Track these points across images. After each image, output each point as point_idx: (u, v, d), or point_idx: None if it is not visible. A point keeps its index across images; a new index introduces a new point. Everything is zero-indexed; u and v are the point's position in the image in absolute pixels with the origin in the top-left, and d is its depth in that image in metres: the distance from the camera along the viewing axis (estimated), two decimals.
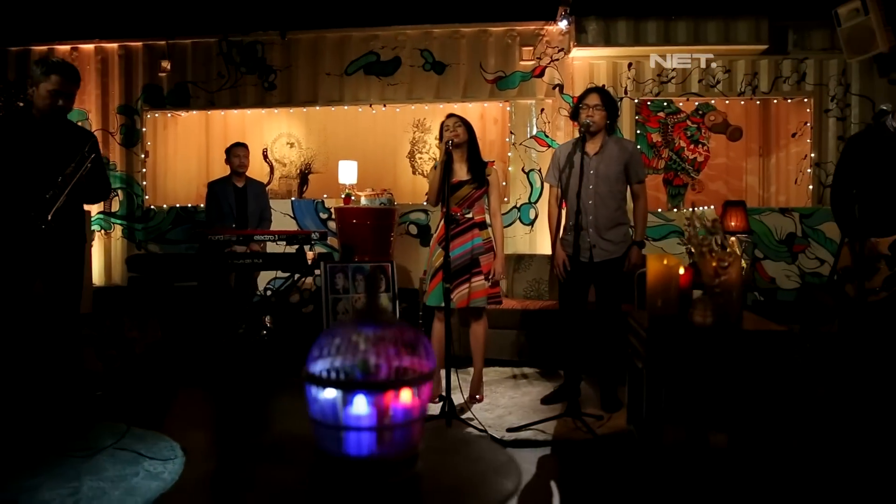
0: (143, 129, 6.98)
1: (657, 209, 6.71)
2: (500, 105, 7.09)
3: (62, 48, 6.94)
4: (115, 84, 6.96)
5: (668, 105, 7.40)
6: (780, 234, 6.34)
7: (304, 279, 5.49)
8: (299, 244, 5.02)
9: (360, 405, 1.10)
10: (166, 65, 6.80)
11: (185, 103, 6.94)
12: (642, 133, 7.36)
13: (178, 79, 6.88)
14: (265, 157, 7.84)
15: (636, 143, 5.57)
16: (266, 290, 6.34)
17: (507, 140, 6.78)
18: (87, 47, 6.97)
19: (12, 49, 6.93)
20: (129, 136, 6.98)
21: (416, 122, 7.72)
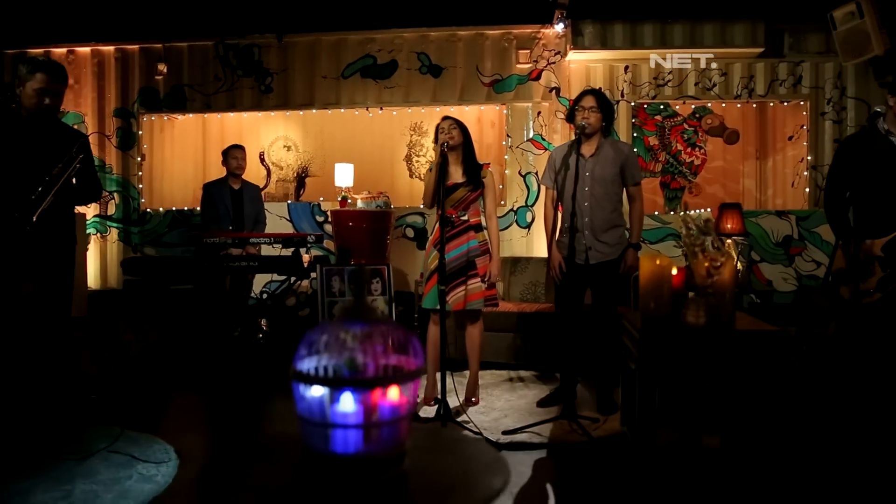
0: (140, 132, 6.97)
1: (654, 212, 6.71)
2: (497, 108, 7.09)
3: (58, 51, 6.93)
4: (112, 87, 6.96)
5: (665, 108, 7.41)
6: (776, 236, 6.34)
7: (300, 282, 5.47)
8: (295, 247, 5.01)
9: (346, 402, 1.09)
10: (163, 68, 6.80)
11: (181, 106, 6.93)
12: (639, 136, 7.36)
13: (174, 81, 6.88)
14: (262, 160, 7.84)
15: (632, 146, 5.56)
16: (262, 293, 6.33)
17: (504, 143, 6.77)
18: (84, 50, 6.96)
19: (8, 52, 6.92)
20: (126, 139, 6.97)
21: (413, 125, 7.73)
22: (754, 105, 7.13)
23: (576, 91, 6.24)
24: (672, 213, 7.00)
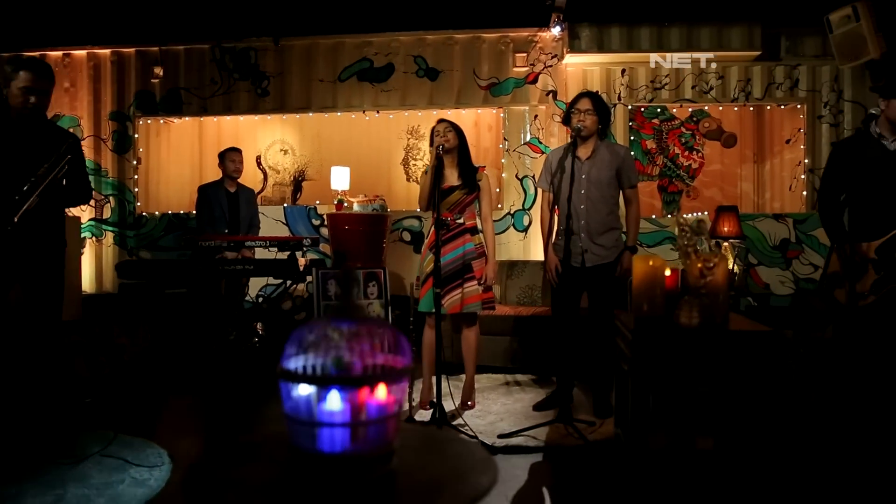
0: (136, 136, 6.96)
1: (651, 215, 6.70)
2: (494, 111, 7.08)
3: (54, 54, 6.91)
4: (108, 90, 6.94)
5: (663, 112, 7.41)
6: (773, 239, 6.33)
7: (295, 286, 5.45)
8: (291, 250, 4.99)
9: (333, 401, 1.08)
10: (159, 71, 6.79)
11: (177, 110, 6.92)
12: (637, 140, 7.36)
13: (170, 85, 6.86)
14: (259, 164, 7.83)
15: (629, 148, 5.56)
16: (258, 296, 6.30)
17: (501, 146, 6.77)
18: (80, 53, 6.95)
19: (4, 54, 6.89)
20: (122, 143, 6.95)
21: (410, 128, 7.72)
22: (751, 108, 7.13)
23: (573, 94, 6.24)
24: (669, 216, 6.99)
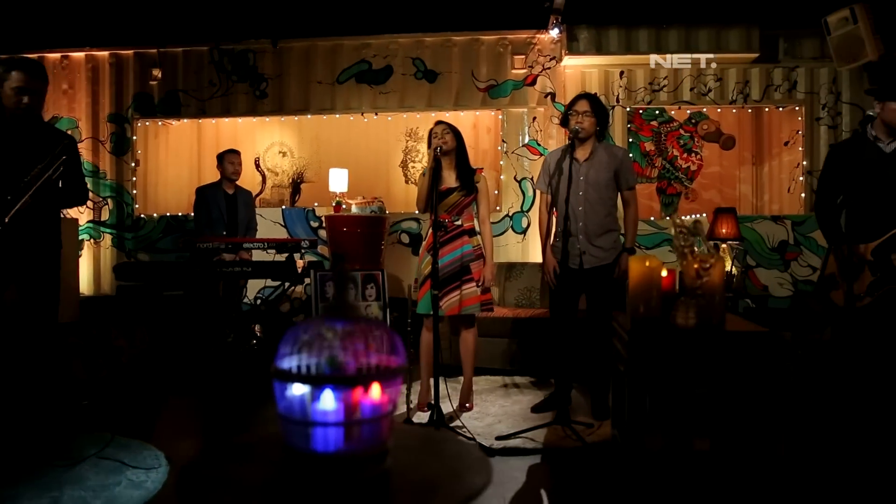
0: (134, 138, 6.95)
1: (650, 217, 6.70)
2: (492, 113, 7.08)
3: (52, 56, 6.92)
4: (106, 92, 6.94)
5: (661, 114, 7.41)
6: (772, 241, 6.33)
7: (294, 288, 5.44)
8: (289, 252, 4.99)
9: (327, 400, 1.07)
10: (157, 73, 6.78)
11: (175, 111, 6.91)
12: (635, 142, 7.37)
13: (168, 87, 6.86)
14: (257, 166, 7.82)
15: (627, 150, 5.56)
16: (256, 298, 6.30)
17: (500, 148, 6.76)
18: (78, 55, 6.95)
19: (2, 57, 6.88)
20: (120, 145, 6.94)
21: (409, 131, 7.72)
22: (750, 110, 7.14)
23: (571, 96, 6.24)
24: (668, 218, 6.98)
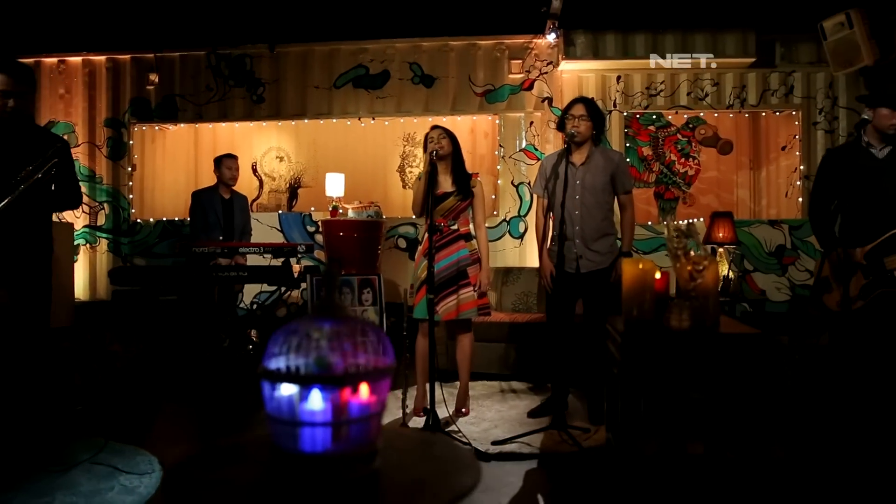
0: (131, 142, 6.95)
1: (648, 222, 6.69)
2: (490, 118, 7.08)
3: (49, 61, 6.92)
4: (103, 97, 6.94)
5: (659, 119, 7.41)
6: (769, 246, 6.32)
7: (290, 292, 5.42)
8: (285, 257, 4.97)
9: (315, 400, 1.05)
10: (154, 77, 6.79)
11: (172, 116, 6.91)
12: (633, 146, 7.36)
13: (165, 92, 6.86)
14: (254, 171, 7.81)
15: (623, 154, 5.55)
16: (252, 303, 6.28)
17: (497, 153, 6.76)
18: (75, 60, 6.95)
19: None
20: (116, 149, 6.94)
21: (406, 135, 7.71)
22: (747, 115, 7.14)
23: (568, 101, 6.26)
24: (665, 223, 6.97)
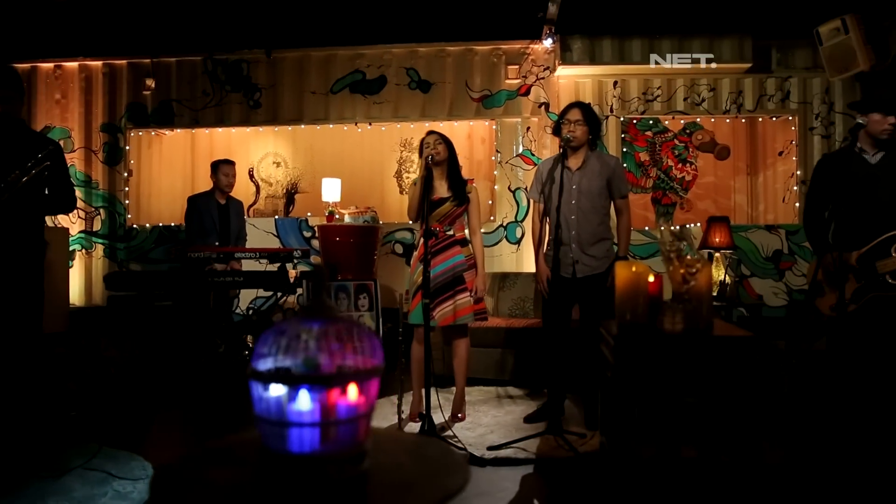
0: (127, 148, 6.94)
1: (645, 227, 6.69)
2: (486, 124, 7.08)
3: (45, 66, 6.92)
4: (99, 102, 6.93)
5: (656, 124, 7.42)
6: (766, 251, 6.32)
7: (286, 298, 5.40)
8: (282, 262, 4.95)
9: (303, 401, 1.04)
10: (150, 83, 6.77)
11: (169, 121, 6.90)
12: (630, 152, 7.37)
13: (162, 97, 6.85)
14: (251, 176, 7.80)
15: (619, 158, 5.55)
16: (248, 309, 6.26)
17: (494, 158, 6.76)
18: (71, 65, 6.94)
19: None
20: (113, 155, 6.93)
21: (403, 141, 7.71)
22: (744, 120, 7.15)
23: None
24: (662, 229, 6.97)
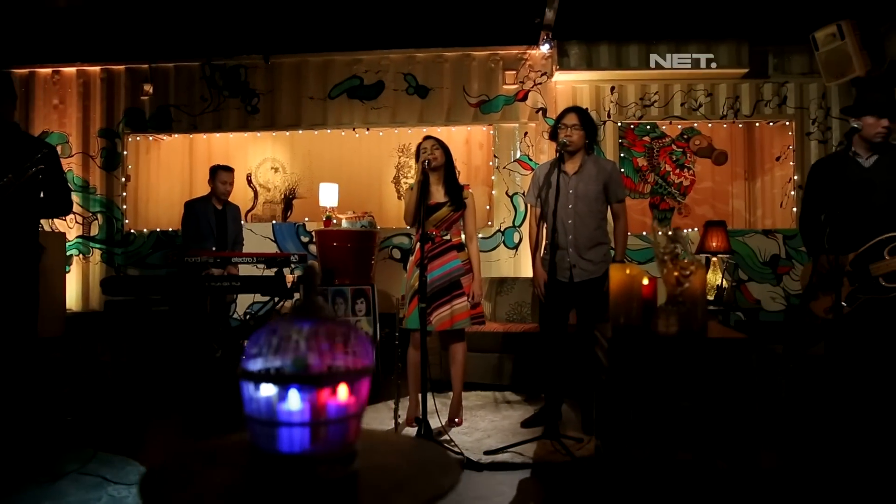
0: (125, 153, 6.94)
1: (643, 232, 6.69)
2: (484, 129, 7.09)
3: (43, 71, 6.92)
4: (97, 107, 6.93)
5: (654, 129, 7.43)
6: (764, 255, 6.32)
7: (283, 303, 5.39)
8: (279, 267, 4.94)
9: (293, 400, 1.04)
10: (148, 88, 6.78)
11: (167, 127, 6.91)
12: (628, 157, 7.37)
13: (160, 102, 6.86)
14: (249, 182, 7.80)
15: (616, 163, 5.56)
16: (245, 314, 6.25)
17: (491, 164, 6.76)
18: (69, 70, 6.95)
19: None
20: (110, 160, 6.93)
21: (401, 146, 7.70)
22: (741, 125, 7.16)
23: None
24: (660, 233, 6.97)
